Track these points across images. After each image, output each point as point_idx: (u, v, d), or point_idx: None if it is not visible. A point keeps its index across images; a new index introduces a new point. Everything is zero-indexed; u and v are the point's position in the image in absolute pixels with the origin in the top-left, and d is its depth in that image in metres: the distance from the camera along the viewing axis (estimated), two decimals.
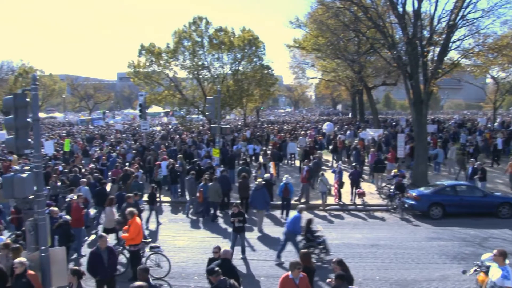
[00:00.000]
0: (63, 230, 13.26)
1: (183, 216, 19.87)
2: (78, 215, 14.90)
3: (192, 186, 19.85)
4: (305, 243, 13.80)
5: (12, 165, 21.72)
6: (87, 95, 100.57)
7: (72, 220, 14.16)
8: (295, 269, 8.73)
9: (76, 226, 14.56)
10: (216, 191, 18.64)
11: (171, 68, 39.38)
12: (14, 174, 8.86)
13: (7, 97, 9.17)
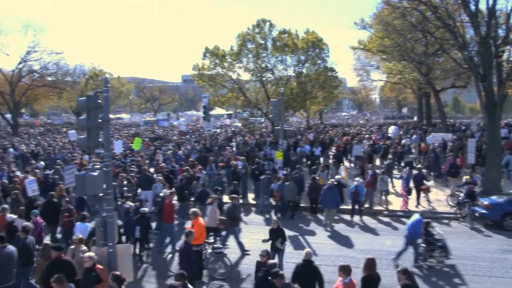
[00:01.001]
0: (144, 222, 14.13)
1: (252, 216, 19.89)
2: (170, 211, 15.34)
3: (266, 186, 20.06)
4: (426, 247, 13.56)
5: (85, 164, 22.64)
6: (153, 96, 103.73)
7: (164, 216, 15.03)
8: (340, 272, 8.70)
9: (168, 221, 15.20)
10: (292, 190, 18.82)
11: (235, 71, 39.81)
12: (86, 172, 9.23)
13: (81, 99, 9.55)
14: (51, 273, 8.81)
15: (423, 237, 13.64)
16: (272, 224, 12.55)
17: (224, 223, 14.45)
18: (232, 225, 14.54)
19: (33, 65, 55.76)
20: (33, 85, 55.99)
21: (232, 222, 14.52)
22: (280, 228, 12.62)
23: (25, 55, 53.13)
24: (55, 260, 9.65)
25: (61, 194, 16.78)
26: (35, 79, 56.56)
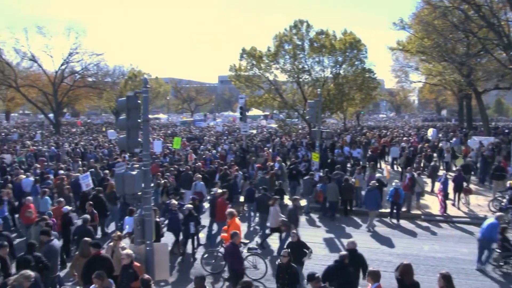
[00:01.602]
0: (195, 219, 14.42)
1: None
2: (222, 209, 15.45)
3: (308, 186, 20.12)
4: (501, 252, 13.23)
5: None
6: (190, 97, 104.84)
7: (217, 214, 15.49)
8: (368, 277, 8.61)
9: (220, 220, 15.42)
10: (334, 191, 18.84)
11: (272, 72, 39.81)
12: (125, 171, 9.40)
13: (121, 99, 9.72)
14: (90, 270, 9.02)
15: (499, 242, 13.22)
16: (292, 237, 11.63)
17: (285, 225, 14.35)
18: (292, 227, 14.31)
19: (75, 66, 57.41)
20: (75, 85, 57.45)
21: (294, 224, 14.43)
22: (301, 241, 11.74)
23: (67, 56, 54.76)
24: (93, 256, 9.84)
25: (112, 190, 17.23)
26: (76, 80, 58.01)
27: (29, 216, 14.09)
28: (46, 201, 16.20)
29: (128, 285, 9.18)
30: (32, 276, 8.46)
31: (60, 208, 14.73)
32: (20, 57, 56.37)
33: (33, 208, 14.50)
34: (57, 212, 14.64)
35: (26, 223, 14.78)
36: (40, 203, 16.02)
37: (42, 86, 57.07)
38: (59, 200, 15.35)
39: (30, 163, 25.93)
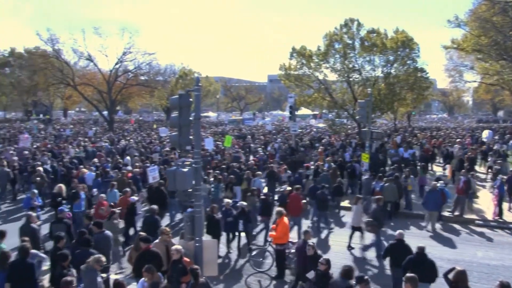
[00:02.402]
0: (245, 216, 14.59)
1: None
2: (297, 204, 16.03)
3: (368, 186, 19.97)
4: None
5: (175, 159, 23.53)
6: (239, 96, 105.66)
7: (290, 209, 15.72)
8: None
9: (294, 215, 15.94)
10: (392, 191, 18.59)
11: (322, 71, 39.43)
12: (176, 168, 9.61)
13: (173, 97, 9.92)
14: (141, 263, 9.27)
15: None
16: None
17: (371, 225, 14.23)
18: (378, 227, 14.29)
19: (128, 65, 58.66)
20: (128, 84, 58.82)
21: (378, 224, 14.32)
22: (317, 254, 10.69)
23: (121, 56, 56.07)
24: (144, 251, 10.10)
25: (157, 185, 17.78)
26: (129, 79, 59.34)
27: (102, 214, 14.48)
28: (114, 193, 17.01)
29: (178, 280, 9.37)
30: (103, 261, 9.03)
31: (127, 198, 15.72)
32: (77, 57, 58.51)
33: (106, 205, 14.89)
34: (124, 201, 15.64)
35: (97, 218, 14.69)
36: (109, 196, 16.69)
37: (97, 85, 58.94)
38: (126, 190, 16.28)
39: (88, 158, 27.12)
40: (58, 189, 16.83)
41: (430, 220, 17.58)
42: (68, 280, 8.26)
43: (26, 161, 25.16)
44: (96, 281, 8.83)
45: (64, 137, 43.63)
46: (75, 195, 16.18)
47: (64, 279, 8.31)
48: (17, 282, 9.10)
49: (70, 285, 8.19)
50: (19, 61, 71.74)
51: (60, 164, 22.75)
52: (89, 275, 8.86)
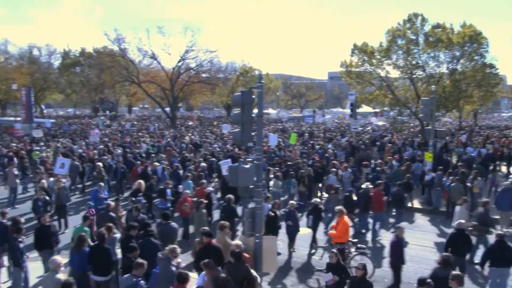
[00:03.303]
0: (317, 213, 14.78)
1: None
2: (379, 200, 16.38)
3: (440, 181, 19.54)
4: None
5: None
6: (299, 93, 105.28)
7: (373, 205, 16.26)
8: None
9: (377, 210, 16.39)
10: (459, 191, 18.00)
11: (384, 68, 38.52)
12: (239, 164, 9.75)
13: (236, 94, 10.07)
14: (202, 257, 9.46)
15: None
16: (330, 258, 10.14)
17: (477, 229, 13.69)
18: (485, 231, 13.80)
19: (190, 63, 59.86)
20: (190, 81, 60.07)
21: (485, 229, 13.80)
22: (341, 264, 10.21)
23: (183, 54, 57.32)
24: (205, 245, 10.29)
25: None
26: (191, 76, 60.59)
27: (185, 210, 15.00)
28: (188, 184, 18.03)
29: None
30: (178, 252, 9.53)
31: (203, 189, 16.83)
32: (142, 55, 60.42)
33: (190, 201, 15.26)
34: (200, 192, 16.60)
35: (182, 216, 15.69)
36: (184, 186, 17.96)
37: (160, 82, 60.63)
38: (202, 182, 17.48)
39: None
40: (138, 185, 17.15)
41: (504, 221, 16.75)
42: (140, 262, 8.79)
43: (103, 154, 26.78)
44: (170, 270, 9.19)
45: (127, 132, 45.37)
46: (162, 192, 16.79)
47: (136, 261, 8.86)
48: (96, 264, 10.04)
49: (141, 267, 8.72)
50: (89, 61, 74.91)
51: (119, 162, 23.50)
52: (163, 264, 9.29)
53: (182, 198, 15.54)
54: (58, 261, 9.04)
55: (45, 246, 11.68)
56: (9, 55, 77.35)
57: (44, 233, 11.66)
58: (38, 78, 71.61)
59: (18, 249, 10.72)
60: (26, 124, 45.57)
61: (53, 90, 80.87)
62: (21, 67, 68.17)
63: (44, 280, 9.30)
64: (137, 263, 8.79)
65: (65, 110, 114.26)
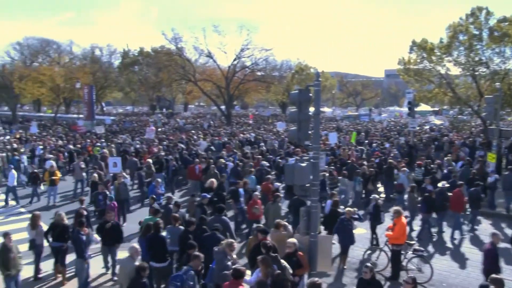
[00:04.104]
0: (377, 211, 14.62)
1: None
2: (459, 201, 16.13)
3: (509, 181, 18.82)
4: None
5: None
6: (355, 91, 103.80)
7: (452, 205, 16.01)
8: None
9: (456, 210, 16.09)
10: None
11: (444, 65, 37.20)
12: (295, 162, 9.72)
13: (293, 92, 10.03)
14: (255, 254, 9.53)
15: None
16: (364, 273, 9.22)
17: None
18: None
19: (245, 61, 60.16)
20: (245, 79, 60.50)
21: None
22: (376, 280, 9.38)
23: (239, 52, 57.72)
24: (259, 242, 10.32)
25: None
26: (246, 74, 60.97)
27: (255, 213, 14.67)
28: (252, 179, 18.50)
29: (292, 272, 9.47)
30: (235, 246, 9.79)
31: (269, 184, 17.27)
32: (198, 54, 61.51)
33: (259, 203, 14.94)
34: (266, 187, 17.10)
35: (251, 219, 15.06)
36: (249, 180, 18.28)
37: (216, 80, 61.43)
38: (268, 177, 18.03)
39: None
40: (209, 183, 17.04)
41: None
42: (196, 254, 9.02)
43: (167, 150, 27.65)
44: (226, 264, 9.33)
45: (182, 129, 46.31)
46: (235, 194, 16.50)
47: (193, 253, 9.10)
48: (154, 252, 10.68)
49: (197, 259, 8.92)
50: (147, 60, 76.93)
51: (172, 159, 23.95)
52: (219, 257, 9.44)
53: (252, 200, 15.09)
54: (136, 247, 9.85)
55: (109, 241, 12.02)
56: (73, 55, 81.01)
57: (108, 229, 11.96)
58: (100, 77, 74.14)
59: (81, 241, 11.11)
60: (88, 121, 47.41)
61: (113, 88, 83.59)
62: (84, 67, 70.86)
63: (121, 264, 9.93)
64: (194, 255, 8.99)
65: (123, 108, 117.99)
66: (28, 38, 79.94)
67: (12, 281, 10.13)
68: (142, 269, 8.69)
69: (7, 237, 10.11)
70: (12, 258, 10.01)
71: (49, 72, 59.26)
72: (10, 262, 9.98)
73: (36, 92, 59.72)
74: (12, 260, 10.03)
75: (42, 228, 12.30)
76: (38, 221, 12.18)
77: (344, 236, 12.90)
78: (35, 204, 20.74)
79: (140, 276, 8.60)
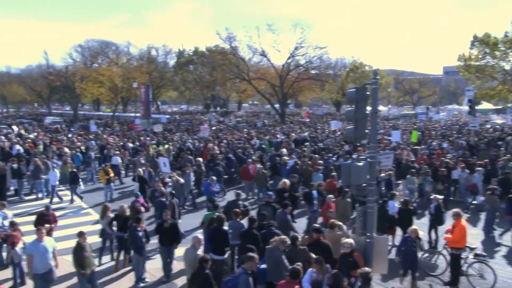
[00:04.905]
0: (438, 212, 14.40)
1: None
2: None
3: None
4: None
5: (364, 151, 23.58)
6: (412, 89, 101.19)
7: None
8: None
9: None
10: None
11: (509, 60, 35.72)
12: (352, 162, 9.56)
13: (350, 90, 9.85)
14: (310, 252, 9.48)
15: None
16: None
17: None
18: None
19: (299, 59, 59.94)
20: (299, 78, 60.24)
21: None
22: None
23: (293, 51, 57.53)
24: (314, 241, 10.30)
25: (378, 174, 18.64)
26: (300, 73, 60.69)
27: (330, 216, 13.34)
28: (319, 177, 18.74)
29: (348, 273, 9.34)
30: (288, 242, 9.71)
31: (333, 181, 17.41)
32: (252, 53, 62.01)
33: (334, 207, 14.41)
34: (331, 184, 17.32)
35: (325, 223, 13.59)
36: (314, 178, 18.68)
37: (270, 79, 61.54)
38: (333, 174, 18.06)
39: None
40: (282, 184, 16.62)
41: None
42: (251, 256, 8.98)
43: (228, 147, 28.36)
44: (280, 259, 9.34)
45: (236, 128, 46.67)
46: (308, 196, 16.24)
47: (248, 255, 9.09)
48: (215, 244, 10.99)
49: (251, 261, 8.88)
50: (201, 59, 78.13)
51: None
52: (275, 254, 9.46)
53: (325, 204, 14.70)
54: (200, 237, 10.40)
55: (166, 241, 12.07)
56: (130, 56, 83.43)
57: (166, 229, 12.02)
58: (156, 76, 75.93)
59: (138, 237, 11.39)
60: (145, 120, 48.67)
61: (169, 88, 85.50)
62: (140, 67, 72.70)
63: (185, 253, 10.32)
64: (249, 257, 8.94)
65: (178, 106, 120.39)
66: (88, 40, 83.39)
67: (86, 281, 10.36)
68: (205, 260, 8.92)
69: (81, 237, 10.40)
70: (86, 257, 10.28)
71: (108, 73, 61.19)
72: (85, 261, 10.25)
73: (96, 92, 61.85)
74: (86, 259, 10.31)
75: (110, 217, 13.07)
76: (106, 212, 13.12)
77: (407, 259, 11.36)
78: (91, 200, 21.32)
79: (203, 267, 8.84)
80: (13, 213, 14.74)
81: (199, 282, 8.82)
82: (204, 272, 8.80)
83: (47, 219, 13.05)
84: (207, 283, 8.74)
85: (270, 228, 11.14)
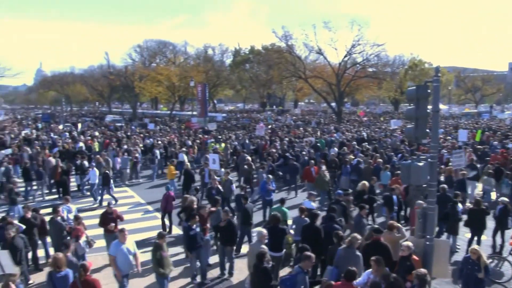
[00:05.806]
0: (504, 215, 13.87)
1: None
2: None
3: None
4: None
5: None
6: (474, 87, 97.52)
7: None
8: None
9: None
10: None
11: None
12: (412, 161, 9.32)
13: (410, 89, 9.60)
14: (368, 254, 9.34)
15: None
16: None
17: None
18: None
19: (356, 57, 59.05)
20: (356, 76, 59.39)
21: None
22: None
23: (350, 48, 56.68)
24: (373, 241, 10.17)
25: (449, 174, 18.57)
26: (357, 71, 59.83)
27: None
28: (387, 175, 19.20)
29: (404, 277, 9.11)
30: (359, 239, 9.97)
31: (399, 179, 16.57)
32: (308, 51, 61.60)
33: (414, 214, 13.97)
34: (396, 181, 17.07)
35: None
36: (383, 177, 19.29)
37: (326, 77, 61.03)
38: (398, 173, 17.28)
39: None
40: (361, 186, 16.45)
41: None
42: (308, 255, 8.99)
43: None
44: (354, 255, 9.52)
45: (292, 126, 46.65)
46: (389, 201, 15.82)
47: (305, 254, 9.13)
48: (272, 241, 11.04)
49: (308, 260, 8.89)
50: (257, 58, 78.73)
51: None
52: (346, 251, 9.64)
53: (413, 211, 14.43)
54: (264, 232, 10.56)
55: (222, 239, 12.21)
56: (187, 55, 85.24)
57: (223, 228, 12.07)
58: (212, 75, 77.08)
59: (189, 236, 11.55)
60: (201, 118, 49.43)
61: (225, 86, 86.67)
62: (197, 66, 74.08)
63: (250, 248, 10.65)
64: (305, 256, 8.93)
65: (234, 105, 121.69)
66: (147, 40, 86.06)
67: (165, 281, 10.51)
68: (262, 255, 9.08)
69: (162, 238, 10.58)
70: (164, 257, 10.44)
71: (166, 72, 62.76)
72: (164, 261, 10.39)
73: (154, 91, 63.51)
74: (165, 258, 10.47)
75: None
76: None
77: (468, 282, 9.92)
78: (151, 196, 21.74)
79: (260, 261, 9.01)
80: (77, 208, 15.30)
81: (259, 276, 9.06)
82: (262, 267, 8.98)
83: (111, 217, 13.18)
84: (266, 276, 8.96)
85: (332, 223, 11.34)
